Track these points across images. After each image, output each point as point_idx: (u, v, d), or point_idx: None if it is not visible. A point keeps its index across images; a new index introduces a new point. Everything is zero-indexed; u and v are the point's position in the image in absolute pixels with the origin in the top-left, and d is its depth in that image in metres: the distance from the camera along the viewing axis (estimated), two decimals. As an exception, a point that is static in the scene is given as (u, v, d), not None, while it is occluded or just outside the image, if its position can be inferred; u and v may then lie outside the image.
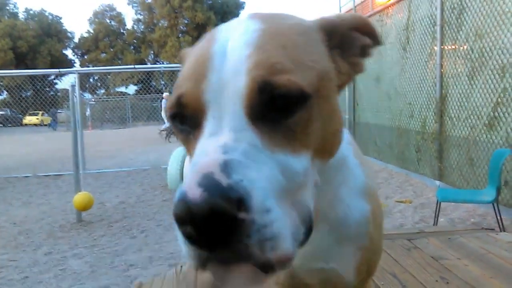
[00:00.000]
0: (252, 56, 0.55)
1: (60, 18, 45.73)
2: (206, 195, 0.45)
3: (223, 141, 0.51)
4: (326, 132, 0.61)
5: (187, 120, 0.58)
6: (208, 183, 0.46)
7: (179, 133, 0.62)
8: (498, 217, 3.82)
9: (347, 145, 0.80)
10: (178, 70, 0.64)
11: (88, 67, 33.12)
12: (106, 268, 3.82)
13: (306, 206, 0.59)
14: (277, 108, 0.55)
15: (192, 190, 0.46)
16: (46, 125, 28.16)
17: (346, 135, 0.80)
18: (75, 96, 5.71)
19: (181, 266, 2.17)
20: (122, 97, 25.08)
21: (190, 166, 0.52)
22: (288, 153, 0.56)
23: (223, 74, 0.54)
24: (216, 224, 0.46)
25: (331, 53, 0.65)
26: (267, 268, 0.50)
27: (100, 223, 5.23)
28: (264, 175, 0.51)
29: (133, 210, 5.79)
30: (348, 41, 0.69)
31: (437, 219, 4.12)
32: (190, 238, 0.48)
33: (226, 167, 0.48)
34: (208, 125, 0.54)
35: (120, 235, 4.72)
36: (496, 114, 4.72)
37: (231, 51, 0.56)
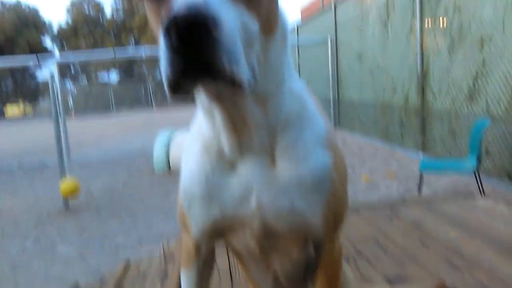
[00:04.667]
0: None
1: (37, 9, 44.57)
2: (189, 9, 0.56)
3: None
4: (271, 7, 0.71)
5: None
6: (192, 4, 0.56)
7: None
8: (480, 185, 3.92)
9: (306, 92, 0.85)
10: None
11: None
12: (95, 251, 3.84)
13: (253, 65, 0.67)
14: None
15: (180, 9, 0.56)
16: (29, 115, 27.74)
17: (303, 86, 0.85)
18: (55, 84, 5.63)
19: (168, 243, 2.19)
20: (104, 85, 24.73)
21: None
22: (245, 14, 0.65)
23: None
24: (196, 30, 0.56)
25: None
26: (232, 83, 0.60)
27: (87, 209, 5.22)
28: (231, 16, 0.61)
29: (121, 195, 5.79)
30: None
31: (421, 190, 4.21)
32: (175, 46, 0.57)
33: (206, 2, 0.58)
34: None
35: (108, 220, 4.72)
36: (476, 86, 4.80)
37: None
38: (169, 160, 6.77)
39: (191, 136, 0.88)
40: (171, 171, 6.76)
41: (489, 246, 1.79)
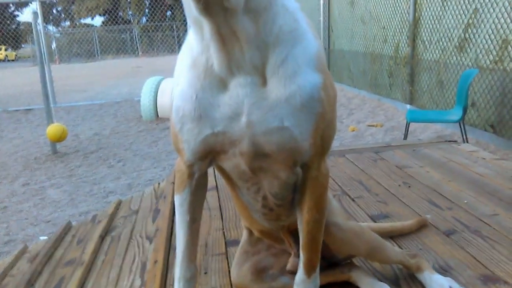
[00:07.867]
0: None
1: None
2: None
3: None
4: None
5: None
6: None
7: None
8: (464, 135, 4.00)
9: (300, 12, 0.83)
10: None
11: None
12: (85, 196, 3.89)
13: None
14: None
15: None
16: (11, 60, 27.01)
17: (297, 5, 0.84)
18: (38, 24, 5.44)
19: (159, 184, 2.24)
20: (88, 29, 23.96)
21: None
22: None
23: None
24: None
25: None
26: None
27: (75, 154, 5.23)
28: None
29: (108, 141, 5.79)
30: None
31: (406, 138, 4.29)
32: None
33: None
34: None
35: (97, 165, 4.75)
36: (467, 35, 4.78)
37: None
38: (156, 108, 6.73)
39: (181, 52, 0.87)
40: (158, 118, 6.74)
41: (468, 187, 1.86)
